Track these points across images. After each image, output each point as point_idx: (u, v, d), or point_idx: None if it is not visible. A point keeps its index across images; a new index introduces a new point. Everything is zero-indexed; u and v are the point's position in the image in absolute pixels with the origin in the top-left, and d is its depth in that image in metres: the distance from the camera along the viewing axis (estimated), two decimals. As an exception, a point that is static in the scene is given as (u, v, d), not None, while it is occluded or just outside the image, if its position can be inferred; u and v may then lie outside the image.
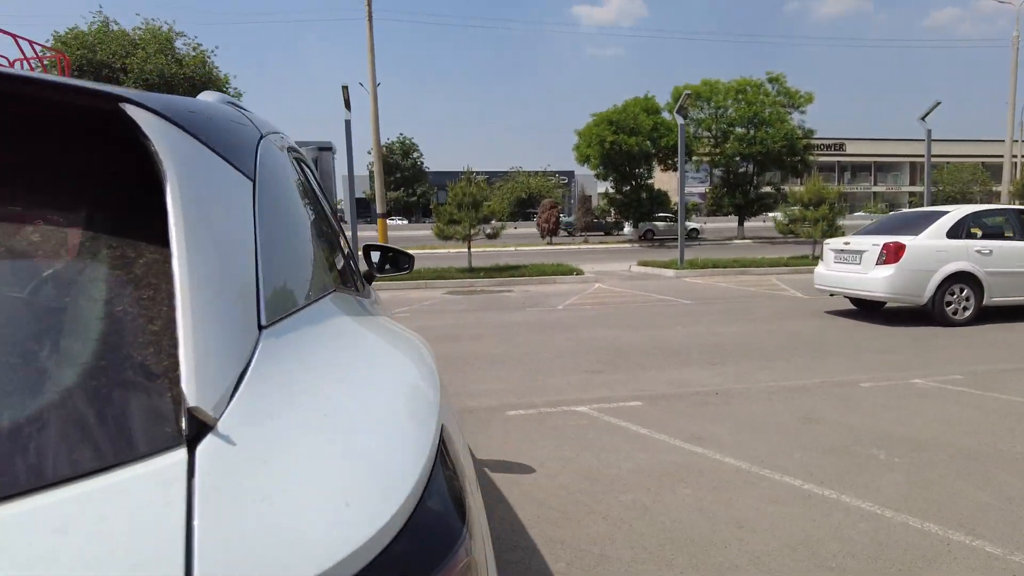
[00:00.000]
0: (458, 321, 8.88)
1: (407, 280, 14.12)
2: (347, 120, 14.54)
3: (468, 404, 4.73)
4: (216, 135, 0.76)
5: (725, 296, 11.05)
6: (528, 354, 6.47)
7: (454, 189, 15.24)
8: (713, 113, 30.26)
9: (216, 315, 0.57)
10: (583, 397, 4.83)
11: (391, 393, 0.77)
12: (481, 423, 4.27)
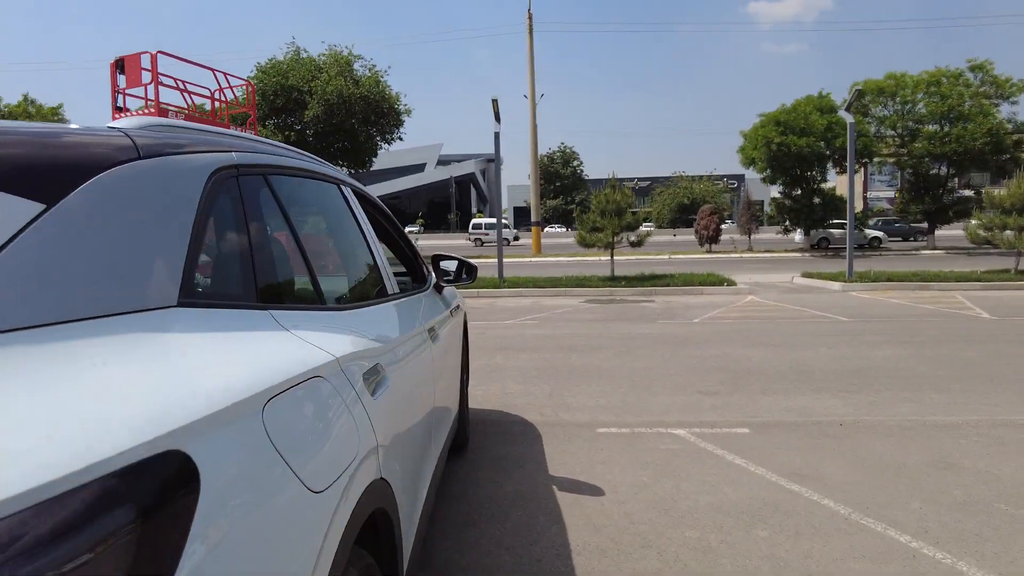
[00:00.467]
0: (583, 331, 8.76)
1: (547, 288, 14.25)
2: (496, 132, 14.98)
3: (559, 418, 4.64)
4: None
5: (892, 314, 9.81)
6: (642, 369, 6.20)
7: (597, 196, 15.11)
8: (899, 109, 27.05)
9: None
10: (685, 419, 4.52)
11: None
12: (565, 439, 4.16)
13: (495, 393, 5.41)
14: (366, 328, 1.65)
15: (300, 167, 1.82)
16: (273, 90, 27.57)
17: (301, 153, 2.02)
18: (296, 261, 1.55)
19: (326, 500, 1.05)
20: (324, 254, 2.00)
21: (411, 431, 1.88)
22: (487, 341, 7.99)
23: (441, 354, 2.75)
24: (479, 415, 4.75)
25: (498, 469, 3.67)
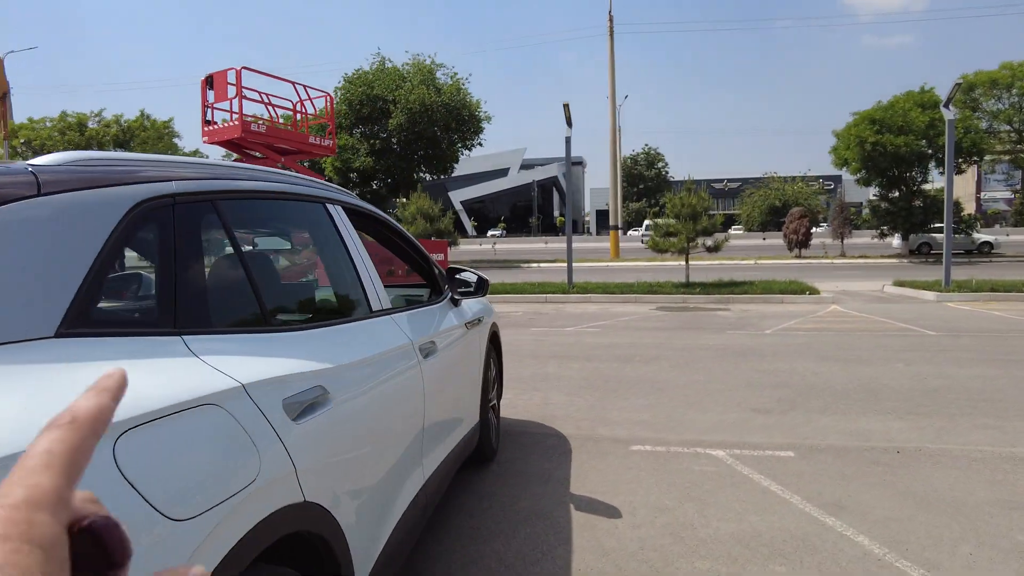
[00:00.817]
0: (645, 340, 8.53)
1: (616, 294, 14.02)
2: (567, 137, 14.90)
3: (596, 432, 4.52)
4: None
5: (989, 329, 8.97)
6: (696, 383, 5.96)
7: (671, 200, 14.72)
8: (1016, 102, 24.76)
9: None
10: (728, 439, 4.30)
11: None
12: (597, 455, 4.05)
13: (537, 404, 5.35)
14: (311, 349, 1.66)
15: (267, 190, 1.85)
16: (359, 100, 28.66)
17: (283, 174, 2.07)
18: (239, 284, 1.58)
19: (194, 526, 1.05)
20: (286, 275, 2.03)
21: (373, 451, 1.87)
22: (543, 349, 7.93)
23: (444, 367, 2.74)
24: (516, 426, 4.71)
25: (520, 484, 3.62)
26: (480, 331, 3.63)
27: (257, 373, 1.37)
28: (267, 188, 1.87)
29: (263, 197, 1.86)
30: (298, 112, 13.41)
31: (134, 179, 1.35)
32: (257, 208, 1.86)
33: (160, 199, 1.38)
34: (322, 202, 2.21)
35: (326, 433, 1.57)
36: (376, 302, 2.28)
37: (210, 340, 1.37)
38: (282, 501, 1.32)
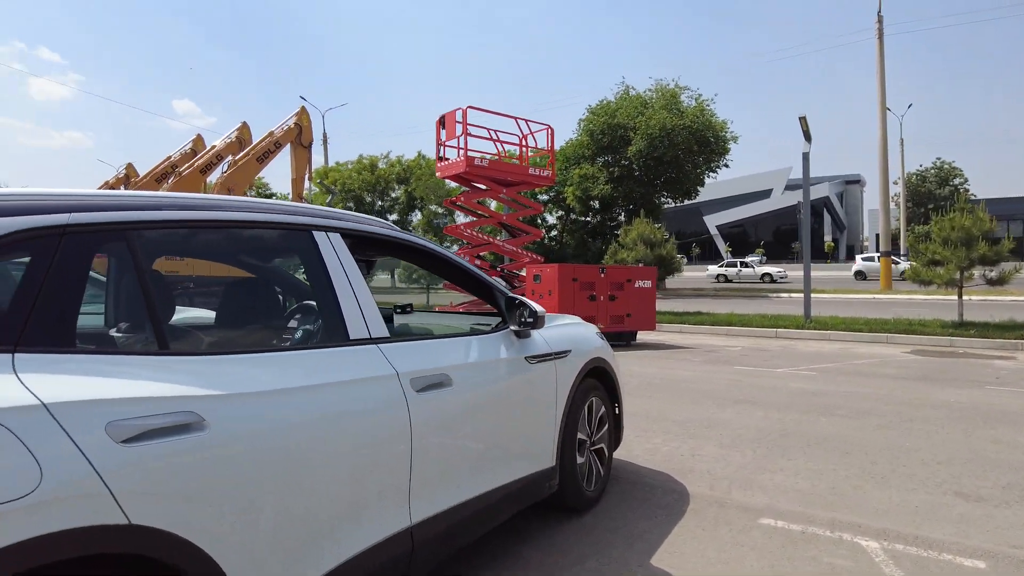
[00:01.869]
0: (864, 389, 7.14)
1: (864, 332, 12.09)
2: (805, 153, 13.34)
3: (728, 496, 3.85)
4: None
5: None
6: (897, 448, 4.78)
7: (939, 223, 12.23)
8: None
9: None
10: (895, 528, 3.34)
11: None
12: (711, 524, 3.44)
13: (682, 453, 4.77)
14: (198, 376, 1.65)
15: (206, 219, 1.92)
16: (600, 129, 29.24)
17: (262, 204, 2.13)
18: (124, 309, 1.64)
19: None
20: (210, 300, 2.06)
21: (288, 486, 1.79)
22: (731, 391, 7.11)
23: (467, 401, 2.57)
24: (640, 476, 4.25)
25: (599, 541, 3.23)
26: (563, 366, 3.34)
27: (79, 393, 1.39)
28: (213, 217, 1.93)
29: (206, 225, 1.93)
30: (524, 146, 14.12)
31: (20, 211, 1.49)
32: (189, 234, 1.94)
33: (41, 230, 1.50)
34: (307, 229, 2.23)
35: (192, 461, 1.54)
36: (358, 331, 2.21)
37: (55, 359, 1.43)
38: (80, 519, 1.32)
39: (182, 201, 1.90)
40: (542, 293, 11.36)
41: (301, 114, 23.57)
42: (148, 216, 1.76)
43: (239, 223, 2.05)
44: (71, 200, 1.62)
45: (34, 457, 1.29)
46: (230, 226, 2.05)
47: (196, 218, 1.91)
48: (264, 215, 2.11)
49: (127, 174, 28.04)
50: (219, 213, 1.97)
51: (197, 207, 1.92)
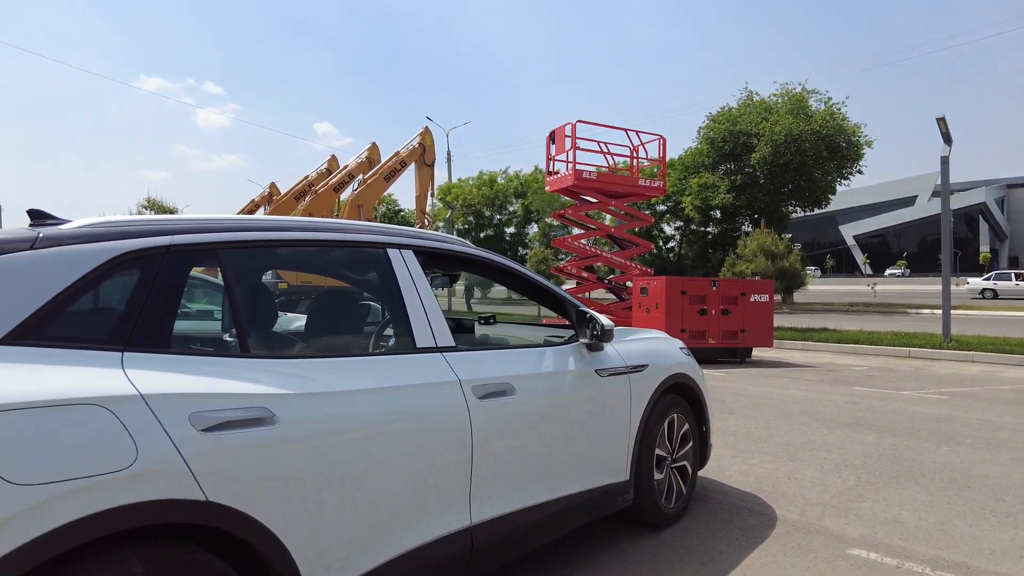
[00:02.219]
0: (1003, 418, 6.44)
1: (1018, 354, 10.82)
2: (943, 157, 12.22)
3: (820, 524, 3.67)
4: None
5: None
6: (1032, 485, 4.30)
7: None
8: None
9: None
10: (1009, 571, 3.04)
11: None
12: (794, 552, 3.30)
13: (777, 476, 4.57)
14: (272, 377, 1.88)
15: (288, 239, 2.19)
16: (722, 136, 28.28)
17: (343, 225, 2.39)
18: (211, 318, 1.91)
19: (31, 490, 1.37)
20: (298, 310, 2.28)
21: (348, 478, 1.98)
22: (843, 413, 6.67)
23: (531, 411, 2.67)
24: (727, 497, 4.13)
25: (674, 559, 3.20)
26: (639, 380, 3.35)
27: (171, 387, 1.66)
28: (298, 238, 2.19)
29: (291, 244, 2.19)
30: (635, 157, 14.02)
31: (128, 235, 1.81)
32: (274, 253, 2.19)
33: (147, 251, 1.80)
34: (382, 247, 2.45)
35: (261, 448, 1.77)
36: (424, 339, 2.39)
37: (155, 358, 1.71)
38: (167, 492, 1.57)
39: (264, 224, 2.18)
40: (649, 306, 11.21)
41: (425, 134, 24.72)
42: (234, 237, 2.04)
43: (316, 242, 2.31)
44: (172, 225, 1.92)
45: (132, 437, 1.56)
46: (308, 244, 2.31)
47: (275, 238, 2.18)
48: (340, 235, 2.36)
49: (270, 192, 30.64)
50: (297, 233, 2.23)
51: (277, 228, 2.19)
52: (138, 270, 1.81)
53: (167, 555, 1.60)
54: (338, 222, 2.45)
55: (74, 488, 1.44)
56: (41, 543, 1.40)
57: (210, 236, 1.98)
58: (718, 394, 7.93)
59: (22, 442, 1.42)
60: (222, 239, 2.01)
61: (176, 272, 1.87)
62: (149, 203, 45.85)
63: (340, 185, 25.64)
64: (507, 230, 46.85)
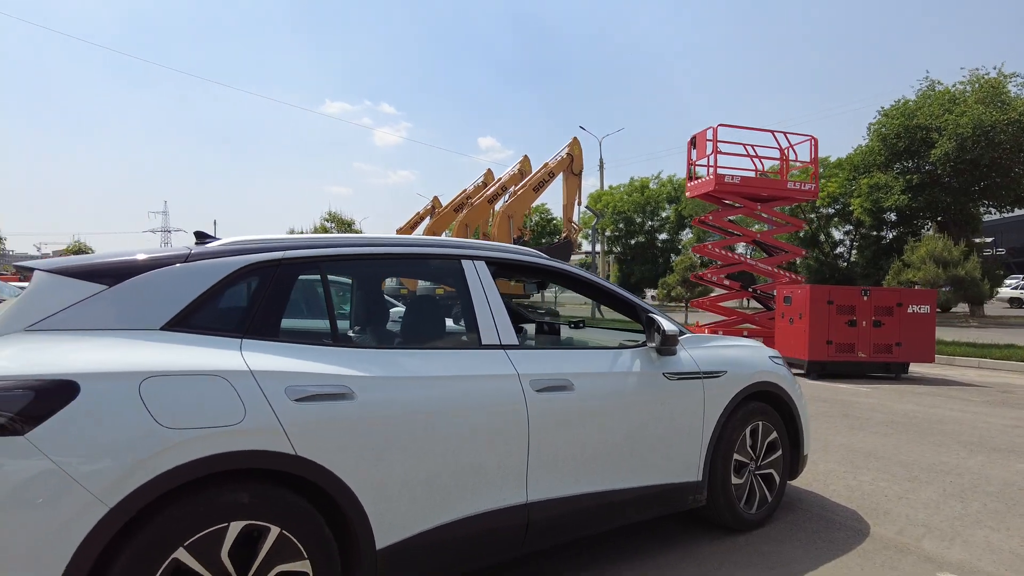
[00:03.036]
0: None
1: None
2: None
3: (916, 544, 3.53)
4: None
5: None
6: None
7: None
8: None
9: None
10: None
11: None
12: (876, 566, 3.24)
13: (887, 494, 4.37)
14: (354, 363, 2.37)
15: (390, 254, 2.70)
16: (895, 132, 25.76)
17: (426, 241, 2.86)
18: (313, 313, 2.43)
19: (174, 432, 1.95)
20: (370, 311, 2.75)
21: (411, 447, 2.41)
22: (999, 438, 6.06)
23: (588, 406, 2.94)
24: (826, 508, 4.06)
25: (742, 561, 3.29)
26: (714, 386, 3.46)
27: (272, 366, 2.19)
28: (384, 252, 2.69)
29: (379, 257, 2.68)
30: (784, 159, 13.37)
31: (252, 251, 2.39)
32: (371, 264, 2.68)
33: (262, 263, 2.38)
34: (457, 259, 2.87)
35: (341, 417, 2.26)
36: (490, 338, 2.78)
37: (264, 345, 2.27)
38: (265, 444, 2.10)
39: (356, 240, 2.70)
40: (792, 316, 10.72)
41: (573, 144, 25.15)
42: (330, 252, 2.57)
43: (400, 255, 2.80)
44: (285, 243, 2.49)
45: (242, 402, 2.10)
46: (393, 257, 2.80)
47: (363, 252, 2.68)
48: (422, 248, 2.84)
49: (433, 206, 32.60)
50: (383, 248, 2.73)
51: (367, 244, 2.70)
52: (257, 277, 2.38)
53: (264, 491, 2.13)
54: (423, 238, 2.93)
55: (201, 434, 2.01)
56: (182, 471, 1.97)
57: (312, 251, 2.52)
58: (854, 410, 7.49)
59: (171, 398, 2.01)
60: (321, 254, 2.54)
61: (285, 279, 2.42)
62: (330, 216, 51.01)
63: (494, 197, 26.70)
64: (659, 236, 46.05)
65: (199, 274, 2.28)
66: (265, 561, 2.12)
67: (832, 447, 5.71)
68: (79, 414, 1.89)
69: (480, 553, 2.65)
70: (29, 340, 2.04)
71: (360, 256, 2.71)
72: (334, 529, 2.28)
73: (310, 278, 2.57)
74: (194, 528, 2.00)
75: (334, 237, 2.66)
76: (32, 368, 1.91)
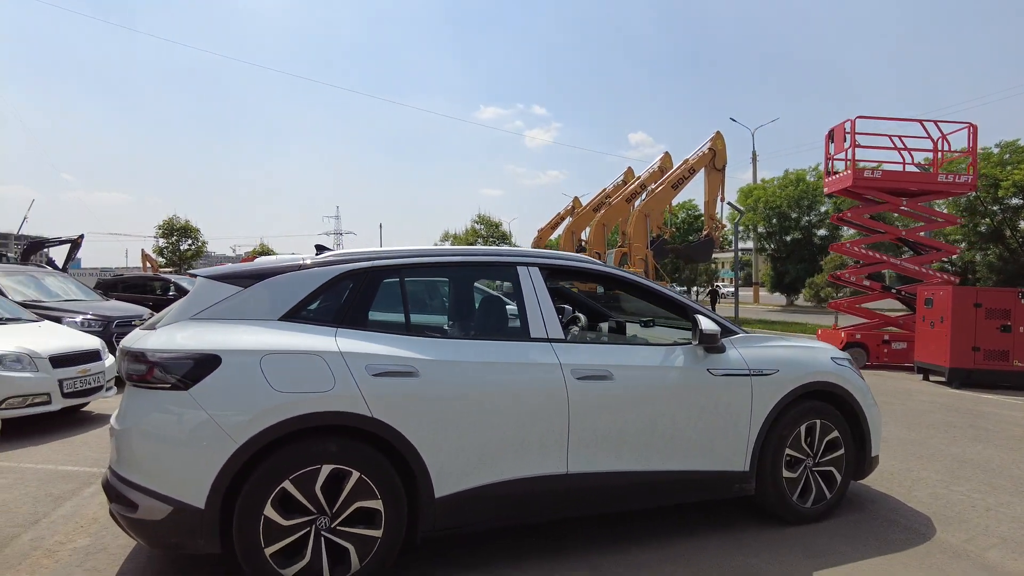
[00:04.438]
0: None
1: None
2: None
3: (979, 553, 3.51)
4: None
5: None
6: None
7: None
8: None
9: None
10: None
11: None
12: (925, 568, 3.32)
13: (974, 505, 4.26)
14: (423, 348, 3.00)
15: (450, 261, 3.32)
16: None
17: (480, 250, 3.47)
18: (390, 309, 3.09)
19: (286, 396, 2.70)
20: (445, 306, 3.35)
21: (462, 418, 2.99)
22: None
23: (626, 395, 3.36)
24: (898, 512, 4.08)
25: (783, 547, 3.50)
26: (764, 384, 3.67)
27: (358, 348, 2.88)
28: (449, 260, 3.31)
29: (446, 264, 3.31)
30: (937, 150, 12.30)
31: (349, 262, 3.10)
32: (440, 270, 3.31)
33: (355, 271, 3.09)
34: (512, 265, 3.41)
35: (408, 389, 2.90)
36: (538, 332, 3.29)
37: (353, 333, 2.96)
38: (348, 407, 2.79)
39: (430, 251, 3.34)
40: (933, 320, 10.01)
41: (716, 139, 24.39)
42: (408, 260, 3.23)
43: (463, 263, 3.40)
44: (372, 254, 3.18)
45: (332, 373, 2.81)
46: (459, 265, 3.41)
47: (431, 261, 3.32)
48: (483, 257, 3.42)
49: (573, 206, 33.00)
50: (447, 257, 3.35)
51: (437, 254, 3.33)
52: (351, 281, 3.09)
53: (348, 444, 2.82)
54: (484, 248, 3.52)
55: (302, 397, 2.74)
56: (289, 422, 2.72)
57: (394, 260, 3.20)
58: (987, 422, 7.01)
59: (283, 368, 2.76)
60: (400, 262, 3.21)
61: (372, 283, 3.12)
62: (480, 219, 53.46)
63: (633, 196, 26.50)
64: (817, 232, 43.05)
65: (308, 279, 3.04)
66: (348, 497, 2.82)
67: (939, 456, 5.52)
68: (220, 378, 2.69)
69: (522, 510, 3.18)
70: (192, 326, 2.89)
71: (432, 264, 3.36)
72: (402, 478, 2.92)
73: (393, 281, 3.23)
74: (296, 466, 2.74)
75: (414, 249, 3.32)
76: (193, 345, 2.75)
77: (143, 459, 2.72)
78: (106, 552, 3.36)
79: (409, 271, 3.28)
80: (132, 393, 2.84)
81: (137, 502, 2.67)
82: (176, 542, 2.70)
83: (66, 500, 4.16)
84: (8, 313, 7.17)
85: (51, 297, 9.54)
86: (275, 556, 2.71)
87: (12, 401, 5.73)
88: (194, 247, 45.25)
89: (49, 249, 28.29)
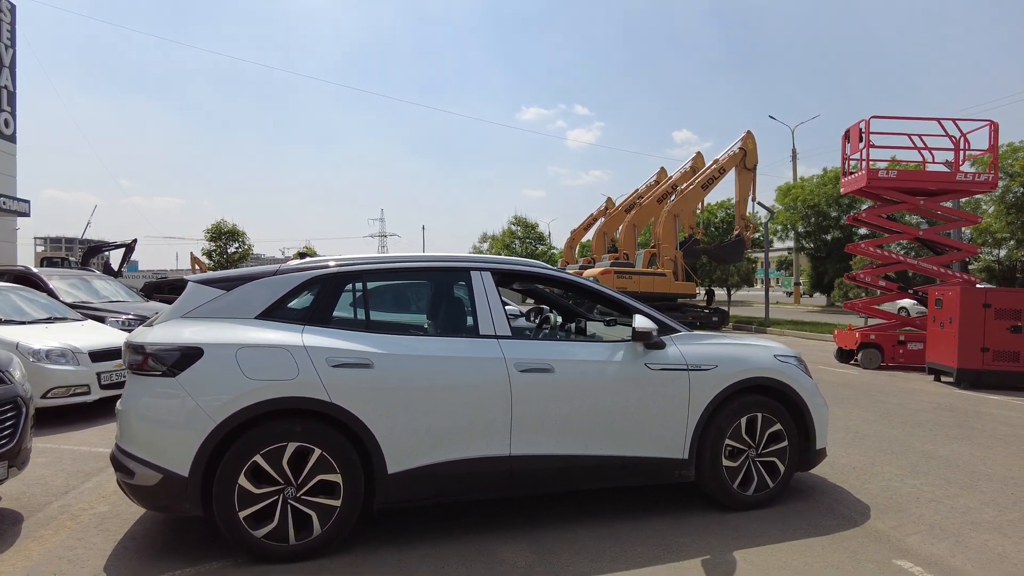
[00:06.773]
0: None
1: None
2: None
3: (900, 539, 3.77)
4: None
5: None
6: None
7: None
8: None
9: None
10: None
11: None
12: (839, 549, 3.60)
13: (918, 498, 4.48)
14: (378, 343, 3.45)
15: (403, 267, 3.77)
16: None
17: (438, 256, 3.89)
18: (351, 309, 3.55)
19: (258, 382, 3.19)
20: (401, 306, 3.78)
21: (413, 404, 3.43)
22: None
23: (565, 386, 3.73)
24: (842, 502, 4.34)
25: (711, 530, 3.81)
26: (701, 378, 3.96)
27: (319, 343, 3.35)
28: (408, 266, 3.75)
29: (404, 270, 3.76)
30: (957, 149, 12.16)
31: (319, 268, 3.58)
32: (395, 275, 3.76)
33: (321, 276, 3.56)
34: (467, 270, 3.83)
35: (364, 379, 3.35)
36: (486, 329, 3.70)
37: (318, 330, 3.43)
38: (310, 393, 3.26)
39: (390, 258, 3.79)
40: (943, 320, 10.00)
41: (747, 139, 24.17)
42: (368, 267, 3.69)
43: (421, 268, 3.84)
44: (340, 260, 3.65)
45: (296, 364, 3.28)
46: (415, 270, 3.85)
47: (392, 267, 3.77)
48: (436, 263, 3.86)
49: (606, 207, 32.97)
50: (406, 263, 3.79)
51: (398, 261, 3.78)
52: (319, 285, 3.57)
53: (311, 424, 3.29)
54: (444, 255, 3.95)
55: (271, 384, 3.22)
56: (259, 405, 3.20)
57: (357, 267, 3.66)
58: (978, 421, 7.11)
59: (254, 360, 3.25)
60: (363, 268, 3.68)
61: (338, 286, 3.59)
62: (516, 220, 54.04)
63: (664, 196, 26.33)
64: (857, 231, 42.03)
65: (281, 283, 3.53)
66: (311, 471, 3.29)
67: (908, 452, 5.70)
68: (203, 367, 3.20)
69: (469, 487, 3.60)
70: (182, 323, 3.41)
71: (390, 270, 3.81)
72: (359, 456, 3.38)
73: (357, 284, 3.69)
74: (266, 443, 3.22)
75: (377, 256, 3.80)
76: (180, 339, 3.27)
77: (139, 434, 3.25)
78: (119, 518, 3.93)
79: (370, 276, 3.74)
80: (132, 380, 3.37)
81: (134, 470, 3.19)
82: (166, 505, 3.23)
83: (93, 476, 4.78)
84: (57, 313, 7.98)
85: (98, 298, 10.40)
86: (248, 519, 3.20)
87: (56, 391, 6.46)
88: (240, 250, 47.05)
89: (108, 253, 29.90)
